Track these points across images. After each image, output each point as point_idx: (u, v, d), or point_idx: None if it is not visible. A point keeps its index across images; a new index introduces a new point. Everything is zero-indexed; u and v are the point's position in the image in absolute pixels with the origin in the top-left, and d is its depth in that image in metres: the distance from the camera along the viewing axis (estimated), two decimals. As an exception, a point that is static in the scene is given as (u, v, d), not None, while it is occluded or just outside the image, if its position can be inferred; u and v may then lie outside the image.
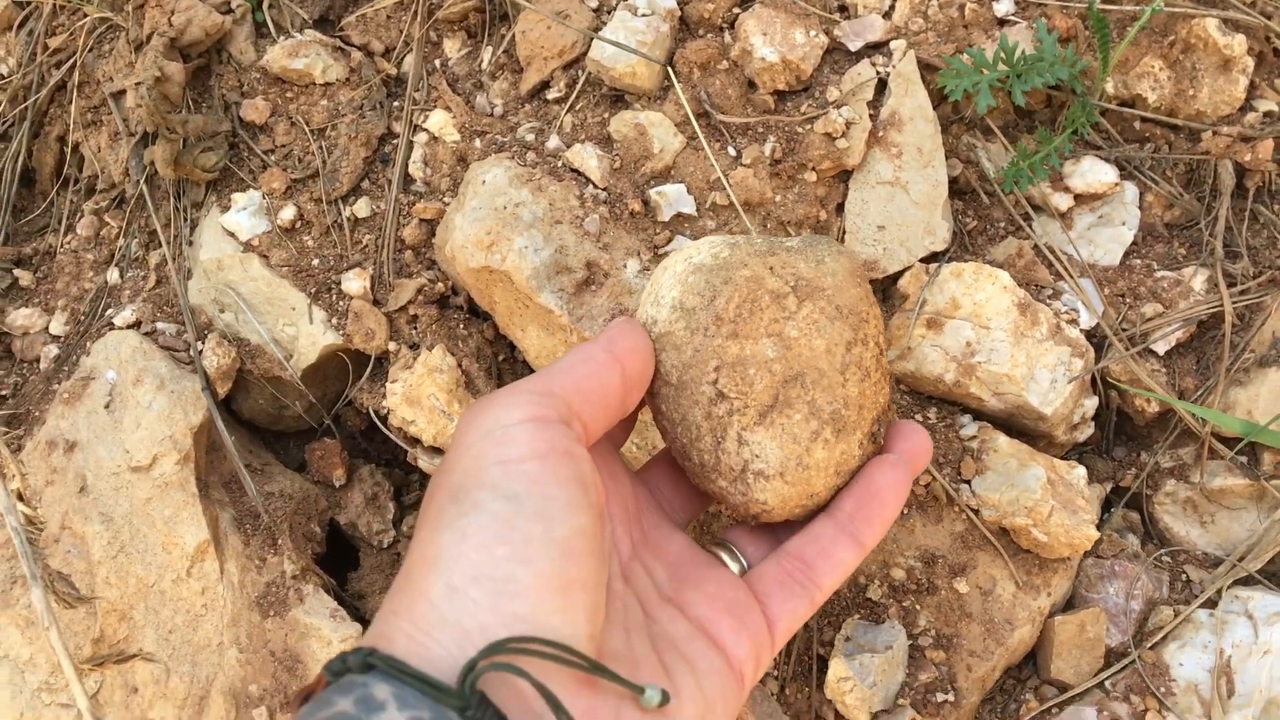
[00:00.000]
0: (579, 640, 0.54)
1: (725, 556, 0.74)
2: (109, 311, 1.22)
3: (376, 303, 1.14)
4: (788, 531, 0.74)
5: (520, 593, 0.52)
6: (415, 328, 1.14)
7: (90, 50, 1.26)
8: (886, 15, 1.13)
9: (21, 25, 1.29)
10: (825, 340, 0.69)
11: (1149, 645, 1.05)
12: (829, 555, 0.71)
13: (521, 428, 0.57)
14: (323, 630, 1.08)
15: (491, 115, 1.16)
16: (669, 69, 1.10)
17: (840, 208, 1.11)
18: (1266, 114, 1.11)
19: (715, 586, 0.69)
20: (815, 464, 0.70)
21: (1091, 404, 1.09)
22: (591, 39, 1.10)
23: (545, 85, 1.15)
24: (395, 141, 1.18)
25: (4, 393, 1.22)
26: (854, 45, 1.11)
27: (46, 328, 1.25)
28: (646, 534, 0.72)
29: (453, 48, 1.21)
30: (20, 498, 1.00)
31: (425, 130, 1.17)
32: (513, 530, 0.53)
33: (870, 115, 1.09)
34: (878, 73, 1.10)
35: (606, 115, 1.11)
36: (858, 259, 0.75)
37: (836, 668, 0.98)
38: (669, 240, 1.05)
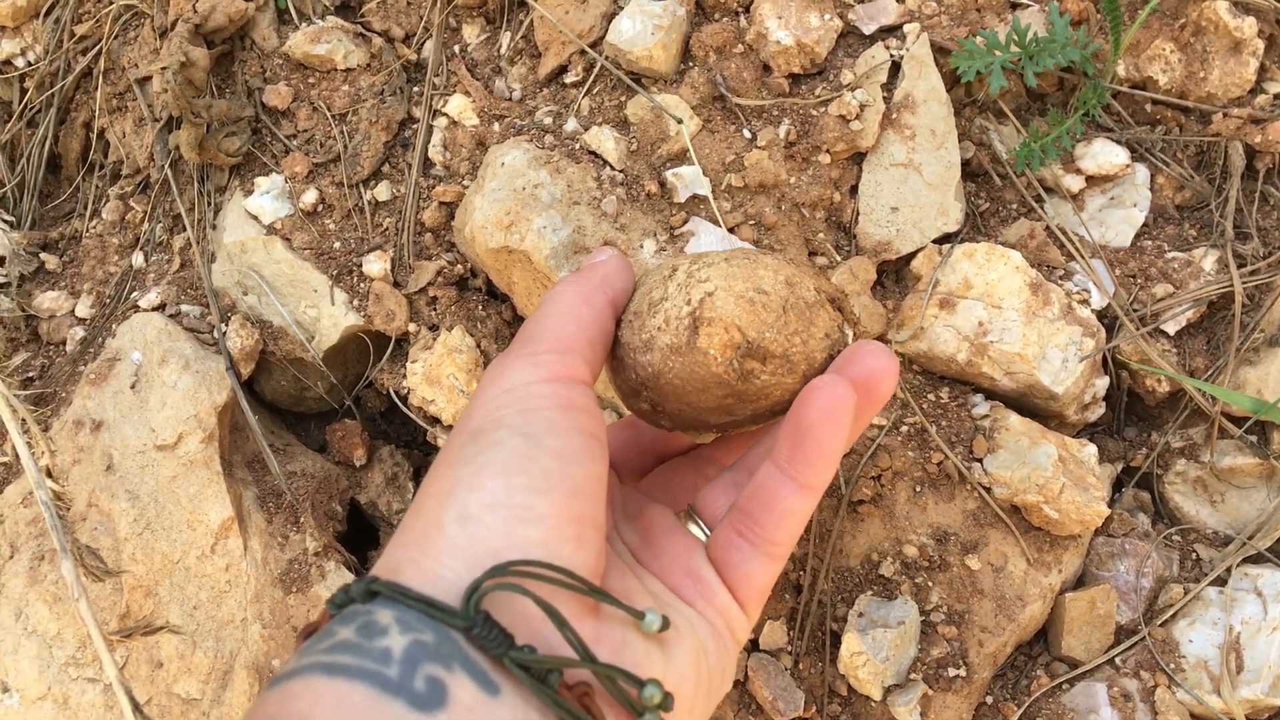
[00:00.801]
0: (587, 572, 0.54)
1: (692, 527, 0.70)
2: (134, 294, 1.24)
3: (397, 284, 1.16)
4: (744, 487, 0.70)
5: (536, 519, 0.53)
6: (435, 309, 1.16)
7: (116, 37, 1.28)
8: None
9: (48, 13, 1.31)
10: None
11: (1159, 622, 1.06)
12: (773, 507, 0.63)
13: (544, 385, 0.58)
14: (344, 605, 1.09)
15: (510, 99, 1.18)
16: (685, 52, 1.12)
17: (854, 189, 1.12)
18: (1277, 96, 1.12)
19: (673, 555, 0.67)
20: (817, 342, 0.65)
21: (1102, 384, 1.10)
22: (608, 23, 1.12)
23: (563, 70, 1.17)
24: (415, 126, 1.20)
25: (31, 374, 1.24)
26: (868, 28, 1.13)
27: (73, 310, 1.27)
28: (621, 500, 0.72)
29: (472, 33, 1.22)
30: (49, 474, 1.02)
31: (445, 114, 1.19)
32: (531, 462, 0.54)
33: (884, 98, 1.11)
34: (891, 56, 1.11)
35: (623, 98, 1.13)
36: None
37: (850, 643, 1.00)
38: (684, 221, 1.07)
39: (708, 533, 0.69)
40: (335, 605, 0.52)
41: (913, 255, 1.11)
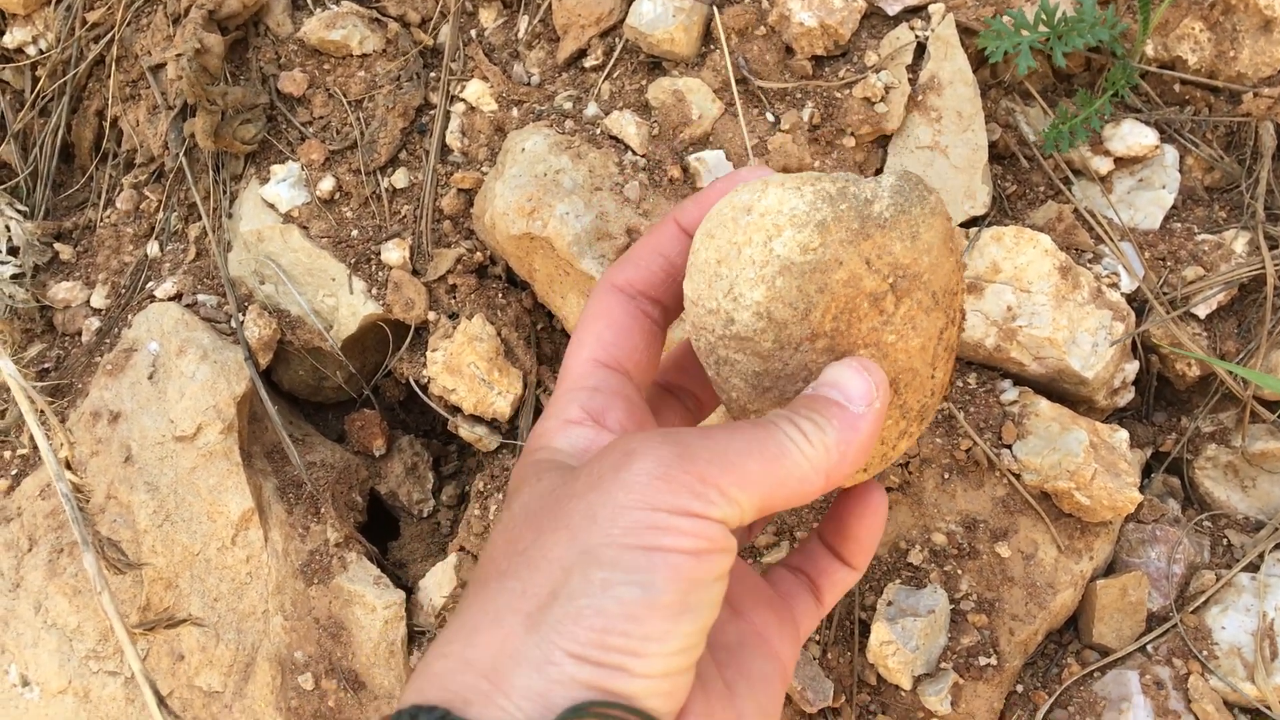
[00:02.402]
0: (669, 712, 0.50)
1: None
2: (149, 284, 1.23)
3: (416, 273, 1.15)
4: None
5: (630, 678, 0.48)
6: (454, 297, 1.14)
7: (128, 24, 1.26)
8: (924, -20, 1.13)
9: (60, 0, 1.30)
10: (921, 338, 0.62)
11: (1191, 609, 1.05)
12: (829, 574, 0.67)
13: (681, 519, 0.50)
14: (366, 597, 1.09)
15: (528, 84, 1.16)
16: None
17: (879, 173, 1.11)
18: (1309, 75, 1.10)
19: (753, 582, 0.65)
20: (895, 455, 0.66)
21: (1132, 368, 1.09)
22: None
23: (582, 53, 1.15)
24: (432, 112, 1.19)
25: (47, 365, 1.23)
26: (892, 9, 1.11)
27: (88, 301, 1.26)
28: None
29: (489, 17, 1.21)
30: (68, 466, 1.01)
31: (462, 100, 1.17)
32: (633, 623, 0.48)
33: (909, 80, 1.09)
34: (916, 37, 1.09)
35: (644, 82, 1.11)
36: (947, 215, 0.64)
37: (879, 632, 0.99)
38: (708, 206, 1.05)
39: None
40: None
41: (939, 239, 1.10)
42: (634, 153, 1.08)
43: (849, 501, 0.65)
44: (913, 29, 1.10)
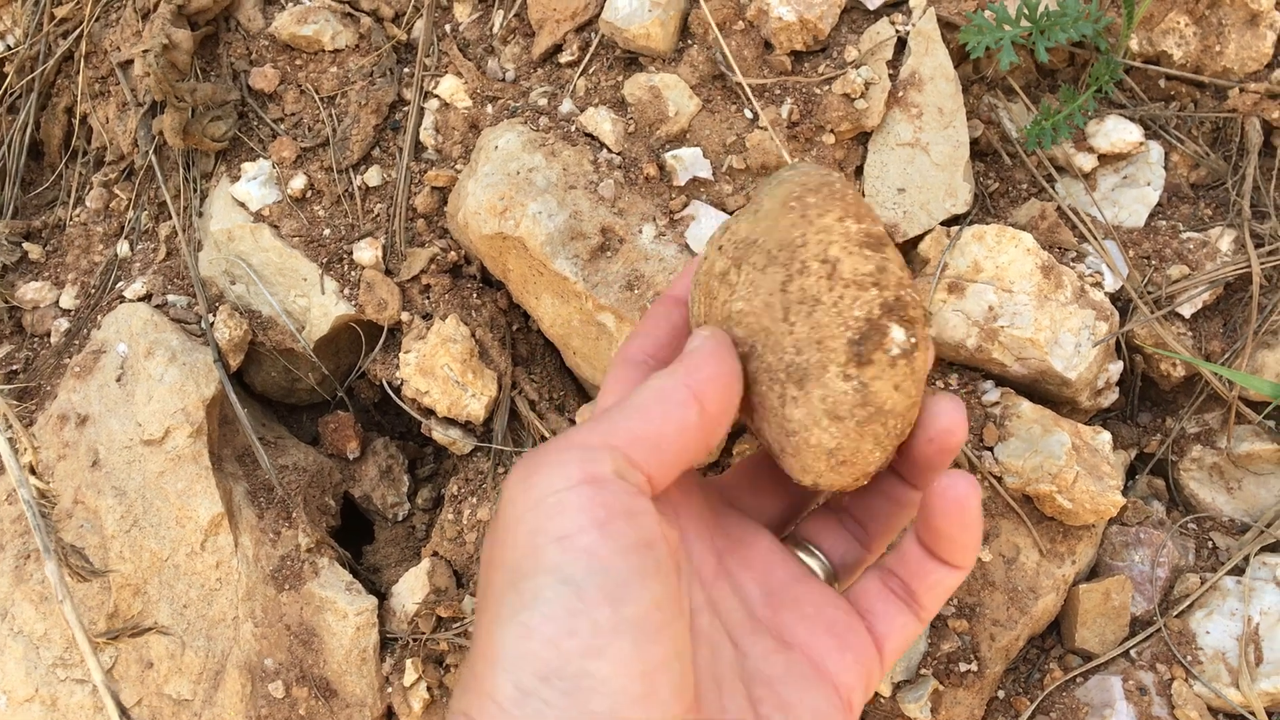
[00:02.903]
0: (669, 714, 0.50)
1: (805, 557, 0.66)
2: (119, 284, 1.20)
3: (389, 272, 1.13)
4: (862, 524, 0.68)
5: (596, 688, 0.49)
6: (428, 297, 1.12)
7: (97, 19, 1.24)
8: (905, -26, 1.11)
9: (27, -5, 1.28)
10: (761, 295, 0.62)
11: (1175, 613, 1.03)
12: (923, 578, 0.63)
13: (574, 493, 0.52)
14: (338, 603, 1.07)
15: (503, 80, 1.14)
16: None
17: (859, 170, 1.09)
18: (1296, 70, 1.09)
19: (813, 606, 0.63)
20: (796, 426, 0.62)
21: (1116, 369, 1.07)
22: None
23: (557, 49, 1.13)
24: (406, 108, 1.17)
25: (15, 367, 1.21)
26: (873, 3, 1.09)
27: (57, 301, 1.23)
28: (730, 537, 0.65)
29: (463, 12, 1.19)
30: (33, 471, 0.99)
31: (436, 96, 1.15)
32: (578, 618, 0.49)
33: (889, 75, 1.07)
34: (897, 31, 1.08)
35: (620, 78, 1.09)
36: (806, 183, 0.64)
37: (858, 637, 0.97)
38: (685, 205, 1.04)
39: (824, 562, 0.66)
40: None
41: (920, 238, 1.08)
42: (609, 150, 1.06)
43: (932, 493, 0.61)
44: (893, 24, 1.08)
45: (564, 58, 1.12)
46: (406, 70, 1.18)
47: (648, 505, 0.54)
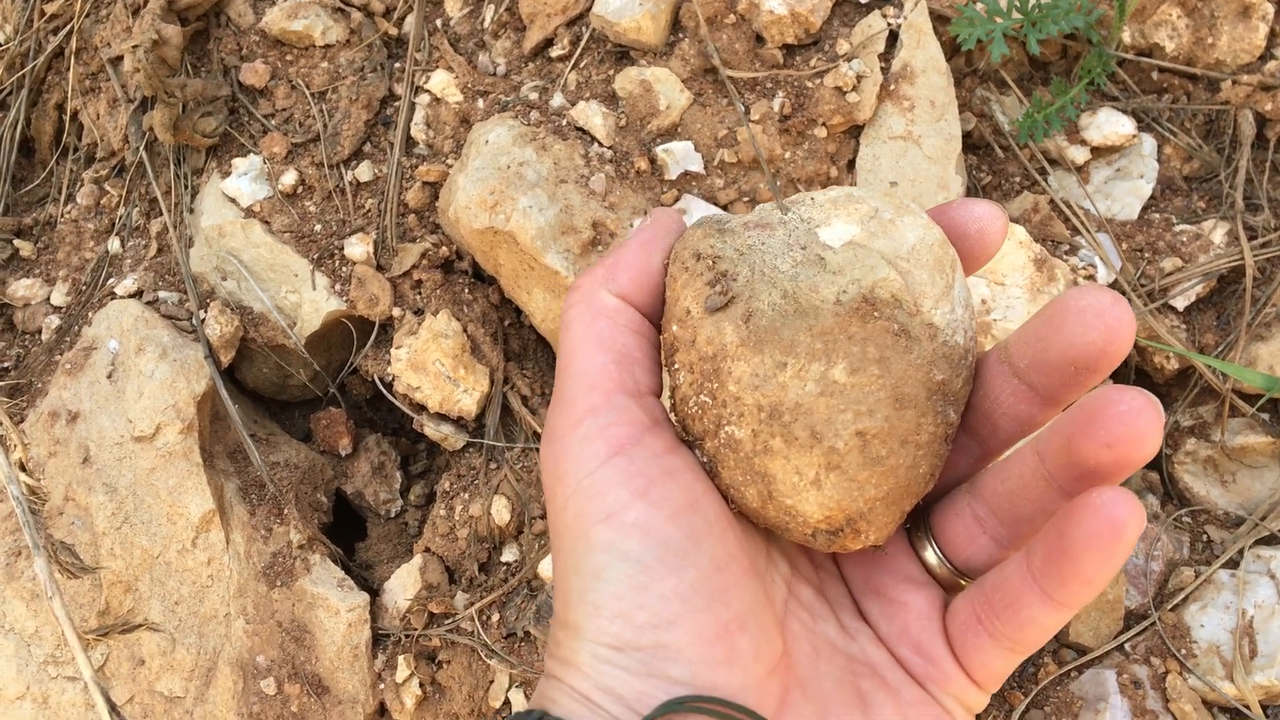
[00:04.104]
0: (749, 690, 0.49)
1: (927, 553, 0.57)
2: (110, 281, 1.20)
3: (380, 268, 1.13)
4: (1006, 525, 0.55)
5: (672, 657, 0.48)
6: (419, 293, 1.12)
7: (87, 15, 1.24)
8: (897, -34, 1.11)
9: (17, -9, 1.27)
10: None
11: (1169, 607, 1.03)
12: (1018, 611, 0.51)
13: (607, 469, 0.51)
14: (330, 600, 1.06)
15: (494, 75, 1.14)
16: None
17: (851, 164, 1.09)
18: (1288, 62, 1.08)
19: (904, 621, 0.55)
20: (916, 455, 0.53)
21: (1110, 362, 1.06)
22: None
23: (549, 43, 1.13)
24: (397, 103, 1.16)
25: (6, 365, 1.20)
26: (864, -3, 1.09)
27: (48, 298, 1.23)
28: None
29: (454, 7, 1.18)
30: (23, 468, 0.98)
31: (427, 91, 1.15)
32: (644, 593, 0.49)
33: (881, 68, 1.07)
34: (889, 24, 1.07)
35: (611, 72, 1.09)
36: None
37: (851, 631, 0.97)
38: (676, 199, 1.03)
39: (944, 562, 0.56)
40: None
41: (912, 231, 1.08)
42: (600, 144, 1.05)
43: (1077, 511, 0.47)
44: (885, 16, 1.08)
45: (555, 52, 1.12)
46: (397, 65, 1.18)
47: (683, 457, 0.52)
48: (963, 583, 0.56)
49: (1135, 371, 1.10)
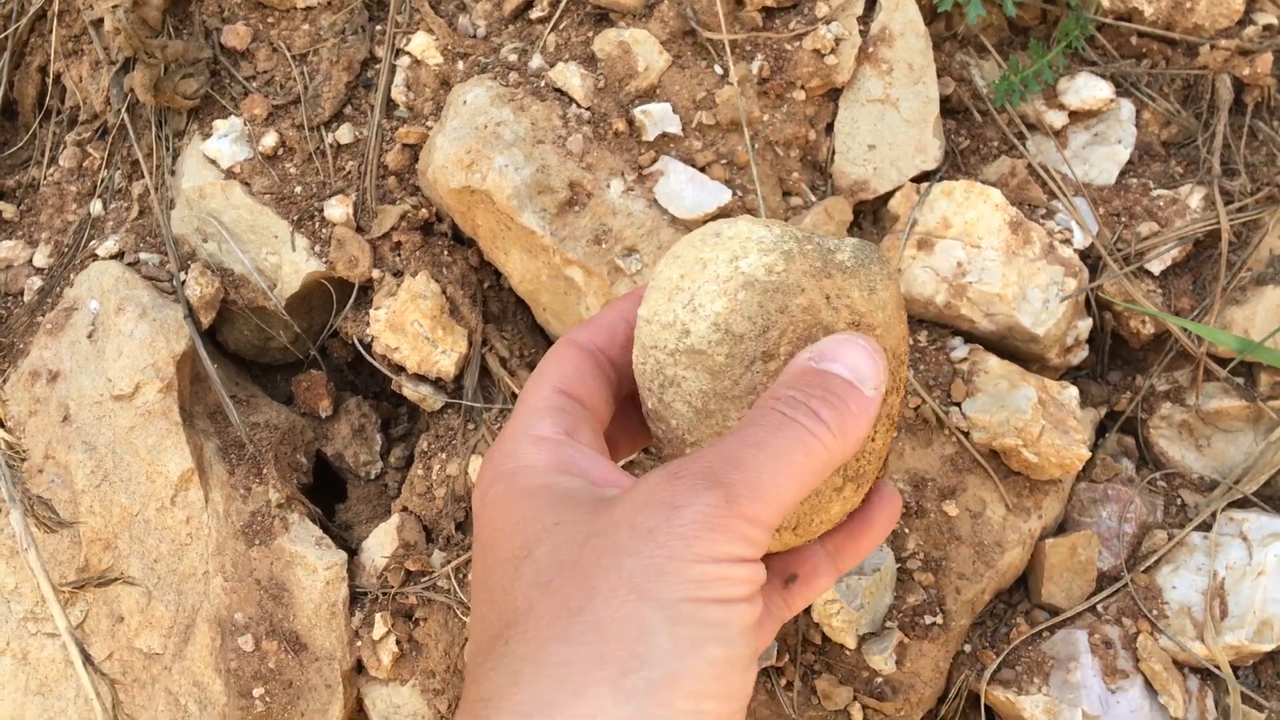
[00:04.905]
0: None
1: None
2: (92, 243, 1.20)
3: (360, 230, 1.13)
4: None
5: None
6: (399, 255, 1.12)
7: (69, -23, 1.24)
8: (877, -70, 1.11)
9: (-1, -47, 1.27)
10: None
11: (1142, 569, 1.04)
12: (810, 582, 0.68)
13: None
14: (308, 558, 1.07)
15: (474, 37, 1.14)
16: None
17: (830, 127, 1.09)
18: (1266, 27, 1.08)
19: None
20: (828, 519, 0.65)
21: (1085, 326, 1.07)
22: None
23: (528, 5, 1.13)
24: (378, 66, 1.16)
25: (-12, 325, 1.21)
26: (843, -41, 1.09)
27: (30, 260, 1.23)
28: None
29: (435, -31, 1.18)
30: (1, 425, 0.99)
31: (408, 53, 1.15)
32: (723, 682, 0.49)
33: (860, 31, 1.07)
34: (867, -13, 1.07)
35: (590, 34, 1.09)
36: (899, 281, 0.67)
37: (824, 590, 0.97)
38: (654, 160, 1.04)
39: None
40: None
41: (890, 194, 1.08)
42: (578, 105, 1.06)
43: (867, 506, 0.68)
44: (864, -21, 1.08)
45: (535, 14, 1.12)
46: (378, 28, 1.18)
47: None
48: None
49: (1111, 336, 1.11)
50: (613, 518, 0.51)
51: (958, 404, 1.02)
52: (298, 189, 1.14)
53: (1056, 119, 1.10)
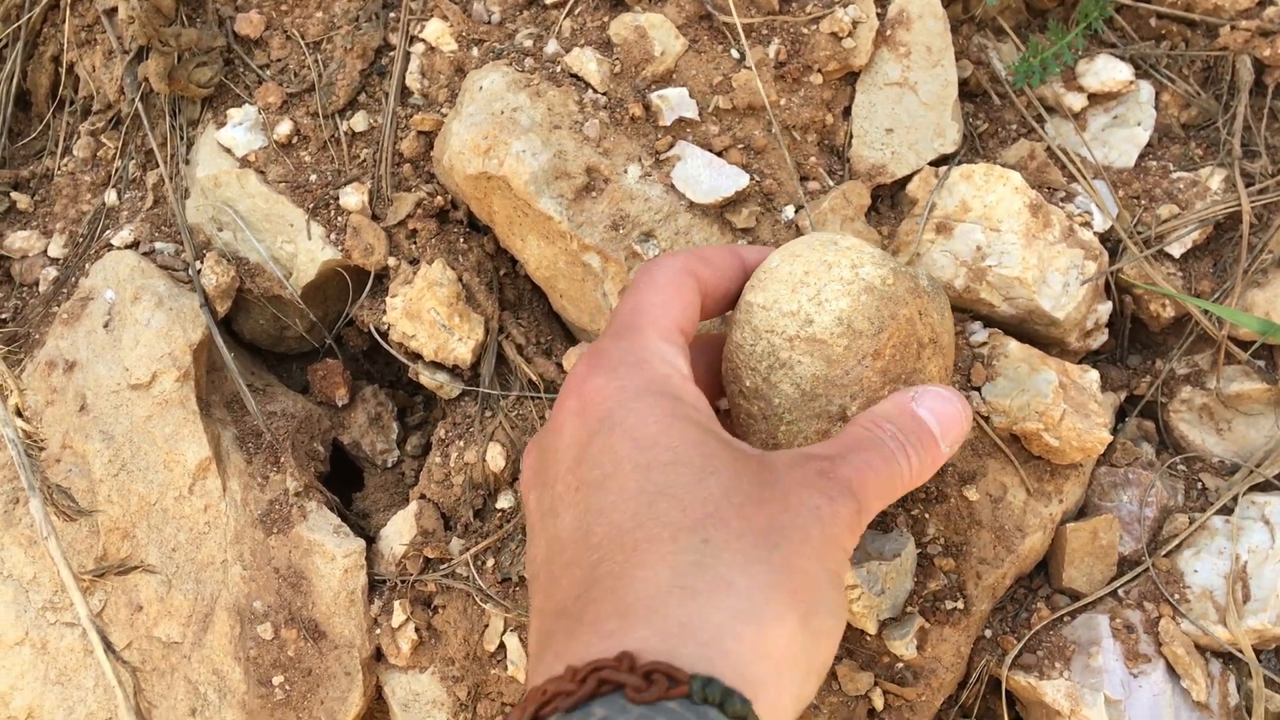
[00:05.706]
0: None
1: None
2: (107, 233, 1.20)
3: (375, 217, 1.13)
4: None
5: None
6: (415, 242, 1.12)
7: (81, -34, 1.23)
8: (893, -88, 1.10)
9: (11, -58, 1.27)
10: None
11: (1163, 553, 1.03)
12: None
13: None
14: (326, 546, 1.07)
15: (489, 23, 1.14)
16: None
17: (847, 111, 1.08)
18: (1287, 7, 1.07)
19: None
20: None
21: (1105, 309, 1.06)
22: (589, -60, 1.07)
23: (543, -10, 1.12)
24: (392, 53, 1.16)
25: (4, 316, 1.21)
26: (860, -58, 1.08)
27: (45, 250, 1.23)
28: None
29: (449, -45, 1.18)
30: (19, 414, 0.99)
31: (422, 40, 1.15)
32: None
33: (878, 14, 1.06)
34: (884, -31, 1.07)
35: (606, 19, 1.09)
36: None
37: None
38: (670, 145, 1.03)
39: None
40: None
41: (908, 178, 1.07)
42: (595, 91, 1.05)
43: None
44: (881, -38, 1.07)
45: (550, -1, 1.11)
46: (392, 15, 1.18)
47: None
48: None
49: (1131, 320, 1.10)
50: (781, 483, 0.60)
51: (978, 388, 1.02)
52: (313, 177, 1.14)
53: (1075, 101, 1.09)
